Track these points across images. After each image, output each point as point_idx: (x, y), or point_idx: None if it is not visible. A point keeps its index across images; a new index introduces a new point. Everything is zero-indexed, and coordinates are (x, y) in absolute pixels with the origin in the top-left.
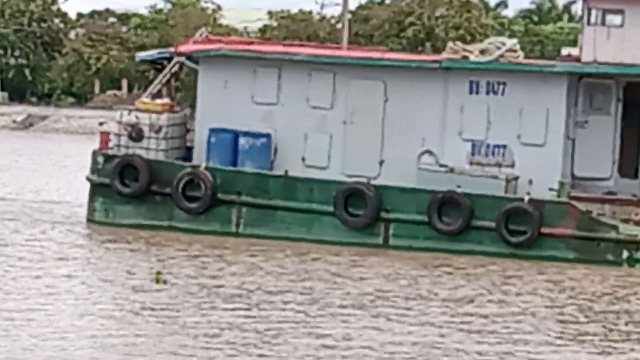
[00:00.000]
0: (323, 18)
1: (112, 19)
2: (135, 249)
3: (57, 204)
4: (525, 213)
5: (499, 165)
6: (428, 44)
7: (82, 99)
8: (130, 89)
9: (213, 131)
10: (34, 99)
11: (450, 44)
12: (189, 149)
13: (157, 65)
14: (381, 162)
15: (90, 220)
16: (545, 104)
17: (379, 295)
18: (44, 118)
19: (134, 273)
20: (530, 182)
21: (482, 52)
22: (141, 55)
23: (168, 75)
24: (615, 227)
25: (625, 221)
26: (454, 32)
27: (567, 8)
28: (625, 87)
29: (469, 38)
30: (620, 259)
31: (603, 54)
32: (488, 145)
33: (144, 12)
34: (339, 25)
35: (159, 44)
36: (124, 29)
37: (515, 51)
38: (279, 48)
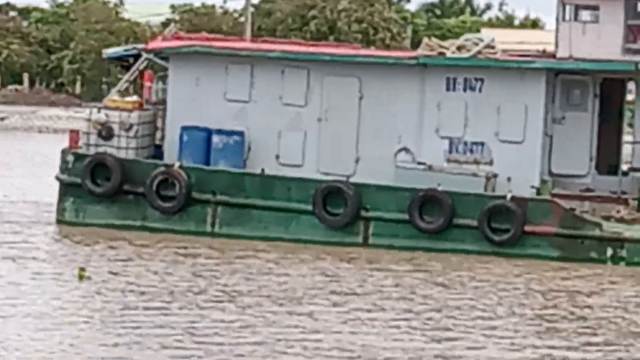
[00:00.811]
0: (226, 12)
1: (12, 13)
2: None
3: None
4: (508, 211)
5: (477, 162)
6: (331, 38)
7: None
8: (31, 83)
9: (185, 129)
10: None
11: (425, 40)
12: (158, 147)
13: (124, 62)
14: (357, 160)
15: (60, 221)
16: (524, 100)
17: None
18: None
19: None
20: (509, 179)
21: (459, 48)
22: (108, 52)
23: (136, 73)
24: (599, 225)
25: (607, 218)
26: (357, 25)
27: (469, 2)
28: (602, 83)
29: (372, 32)
30: (604, 256)
31: (578, 50)
32: (466, 143)
33: (45, 6)
34: (242, 19)
35: (60, 39)
36: (25, 23)
37: (492, 47)
38: (252, 45)
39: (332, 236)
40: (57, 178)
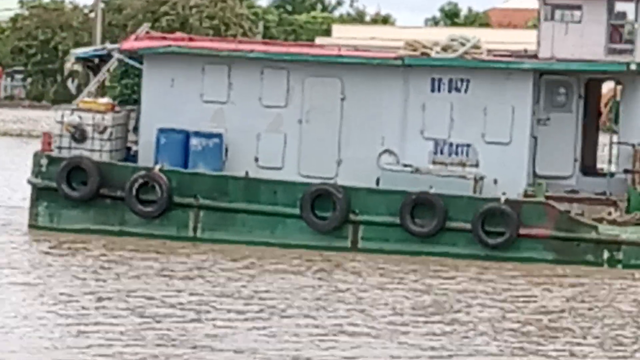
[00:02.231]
0: (76, 7)
1: None
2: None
3: None
4: (502, 214)
5: (462, 164)
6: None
7: None
8: None
9: (162, 131)
10: None
11: (407, 40)
12: (128, 150)
13: (89, 62)
14: (339, 162)
15: (32, 225)
16: (511, 101)
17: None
18: None
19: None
20: (496, 181)
21: (445, 48)
22: (76, 52)
23: (106, 74)
24: (594, 227)
25: (598, 221)
26: (209, 21)
27: None
28: (586, 84)
29: (223, 28)
30: (601, 259)
31: (561, 50)
32: (451, 144)
33: None
34: (92, 15)
35: None
36: None
37: (478, 47)
38: (230, 45)
39: (320, 240)
40: (30, 182)
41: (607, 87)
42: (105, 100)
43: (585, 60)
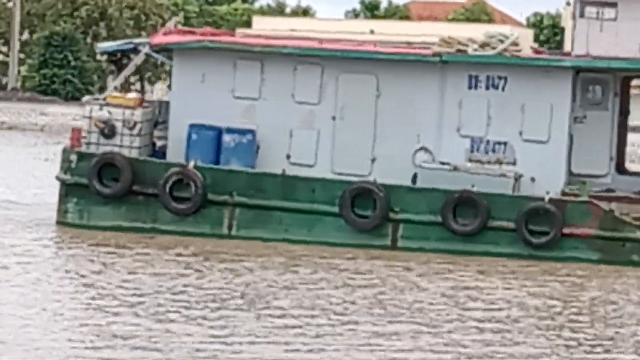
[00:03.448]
0: None
1: None
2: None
3: None
4: (547, 213)
5: (499, 162)
6: (102, 24)
7: None
8: None
9: (193, 127)
10: None
11: (443, 36)
12: (153, 145)
13: (113, 57)
14: (373, 160)
15: (61, 222)
16: (549, 99)
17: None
18: None
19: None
20: (533, 179)
21: (483, 45)
22: (102, 46)
23: (133, 68)
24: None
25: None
26: (129, 11)
27: None
28: (622, 81)
29: (144, 18)
30: None
31: (596, 47)
32: (488, 142)
33: None
34: (10, 4)
35: None
36: None
37: (517, 44)
38: (263, 40)
39: (359, 239)
40: (59, 178)
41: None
42: (134, 95)
43: (623, 58)
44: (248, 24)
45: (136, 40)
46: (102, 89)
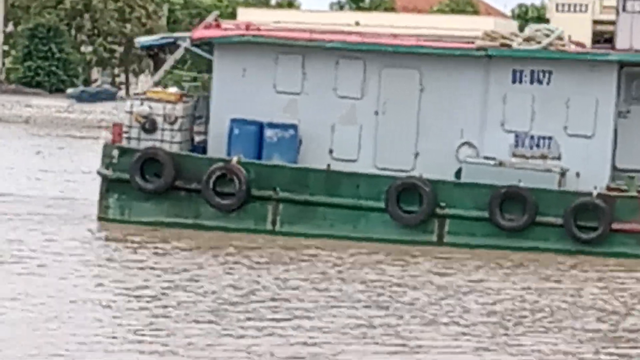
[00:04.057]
0: None
1: None
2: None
3: None
4: (595, 208)
5: (543, 157)
6: (87, 16)
7: None
8: None
9: (235, 122)
10: None
11: (485, 29)
12: (191, 140)
13: (151, 51)
14: (416, 155)
15: (102, 218)
16: (595, 93)
17: None
18: None
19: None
20: (578, 174)
21: (528, 39)
22: (142, 40)
23: (172, 63)
24: None
25: None
26: (113, 3)
27: None
28: None
29: (128, 10)
30: None
31: (639, 41)
32: (532, 137)
33: None
34: None
35: None
36: None
37: (561, 39)
38: (305, 34)
39: (405, 234)
40: (100, 173)
41: None
42: (174, 89)
43: None
44: (233, 15)
45: (175, 35)
46: (86, 81)
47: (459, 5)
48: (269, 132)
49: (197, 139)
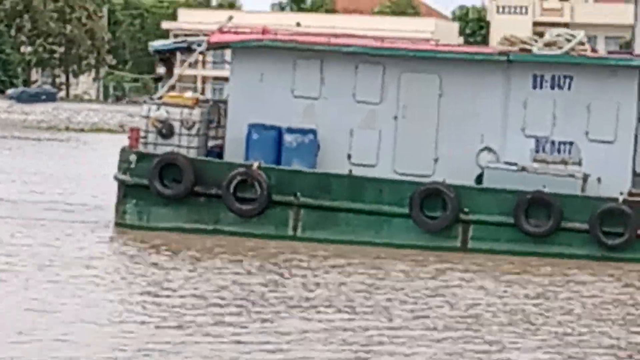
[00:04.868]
0: None
1: None
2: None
3: None
4: (622, 214)
5: (564, 162)
6: (26, 16)
7: None
8: None
9: (254, 127)
10: None
11: (504, 34)
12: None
13: (163, 55)
14: (436, 160)
15: (119, 224)
16: (616, 98)
17: None
18: None
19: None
20: (599, 180)
21: (549, 44)
22: (155, 44)
23: (187, 67)
24: None
25: None
26: (52, 4)
27: None
28: None
29: (68, 10)
30: None
31: None
32: (553, 142)
33: None
34: None
35: None
36: None
37: (583, 44)
38: (322, 39)
39: (429, 240)
40: (117, 178)
41: None
42: (190, 94)
43: None
44: (174, 16)
45: (190, 39)
46: (25, 82)
47: (400, 6)
48: (288, 137)
49: (211, 143)
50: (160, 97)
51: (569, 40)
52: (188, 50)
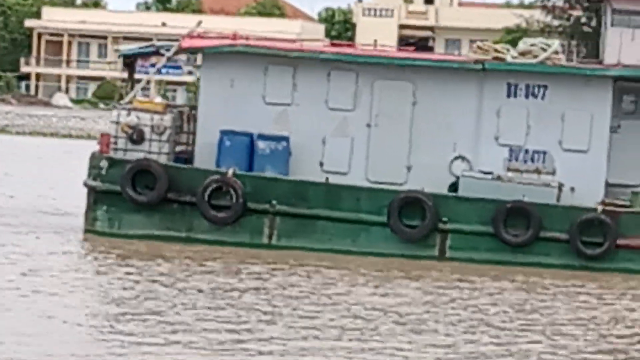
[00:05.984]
0: None
1: None
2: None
3: None
4: (601, 224)
5: (538, 172)
6: None
7: None
8: None
9: (225, 133)
10: None
11: (478, 43)
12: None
13: (127, 59)
14: (409, 168)
15: (89, 230)
16: (590, 108)
17: None
18: None
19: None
20: (572, 189)
21: (523, 53)
22: (123, 48)
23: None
24: None
25: None
26: None
27: None
28: None
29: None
30: None
31: (628, 56)
32: (527, 151)
33: None
34: None
35: None
36: None
37: (557, 53)
38: (295, 45)
39: (406, 249)
40: (87, 185)
41: None
42: (160, 99)
43: None
44: (38, 14)
45: (158, 43)
46: None
47: (266, 7)
48: (261, 144)
49: (177, 149)
50: (130, 102)
51: (544, 50)
52: (156, 54)
